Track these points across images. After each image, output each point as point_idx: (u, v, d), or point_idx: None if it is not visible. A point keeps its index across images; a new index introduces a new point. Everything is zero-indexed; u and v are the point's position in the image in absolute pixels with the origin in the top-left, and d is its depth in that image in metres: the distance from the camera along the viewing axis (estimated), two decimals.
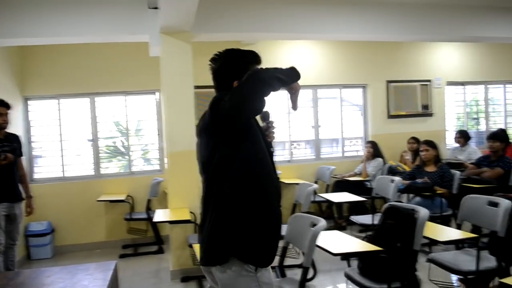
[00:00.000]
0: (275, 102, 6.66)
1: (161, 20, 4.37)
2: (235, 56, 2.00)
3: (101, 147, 6.37)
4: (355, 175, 6.57)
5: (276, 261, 2.04)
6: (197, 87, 4.93)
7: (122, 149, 6.62)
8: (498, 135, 5.58)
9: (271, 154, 1.98)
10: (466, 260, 3.29)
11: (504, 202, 3.23)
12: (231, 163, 1.84)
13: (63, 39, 4.91)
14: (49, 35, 4.62)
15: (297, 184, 5.49)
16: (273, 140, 2.05)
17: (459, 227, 3.57)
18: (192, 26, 4.60)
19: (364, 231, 5.21)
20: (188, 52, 4.72)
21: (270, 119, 2.07)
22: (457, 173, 5.15)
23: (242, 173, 1.85)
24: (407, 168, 6.22)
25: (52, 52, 5.92)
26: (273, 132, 2.07)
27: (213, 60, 2.05)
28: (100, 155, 6.34)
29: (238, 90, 1.78)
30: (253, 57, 2.02)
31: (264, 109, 1.86)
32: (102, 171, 6.34)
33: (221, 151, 1.85)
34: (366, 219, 4.78)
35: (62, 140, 6.16)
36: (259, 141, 1.91)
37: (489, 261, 3.23)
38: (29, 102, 6.07)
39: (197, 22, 4.62)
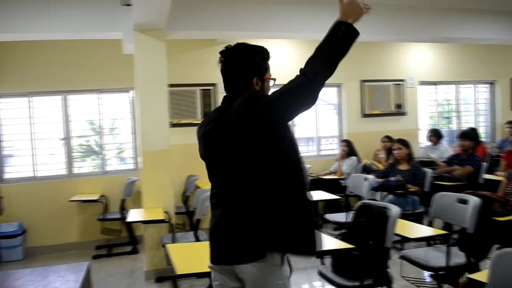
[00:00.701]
0: None
1: (134, 17, 4.32)
2: (253, 52, 1.92)
3: (74, 146, 6.26)
4: (330, 173, 6.63)
5: None
6: (171, 85, 4.89)
7: (96, 148, 6.51)
8: (468, 134, 5.72)
9: None
10: (437, 257, 3.36)
11: (472, 199, 3.31)
12: (267, 164, 1.79)
13: (35, 36, 4.81)
14: (20, 31, 4.52)
15: None
16: None
17: (430, 224, 3.64)
18: (166, 24, 4.56)
19: (338, 229, 5.26)
20: (162, 50, 4.68)
21: None
22: (429, 171, 5.25)
23: (282, 170, 1.81)
24: (381, 166, 6.31)
25: (23, 49, 5.77)
26: None
27: (224, 55, 1.94)
28: (73, 154, 6.22)
29: (289, 90, 1.71)
30: (267, 53, 1.96)
31: None
32: (75, 171, 6.23)
33: (254, 153, 1.79)
34: (340, 217, 4.83)
35: (34, 139, 6.02)
36: (292, 133, 1.89)
37: (459, 257, 3.31)
38: None
39: (171, 20, 4.59)
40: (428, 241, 4.06)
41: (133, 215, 4.56)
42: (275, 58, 1.96)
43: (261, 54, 1.94)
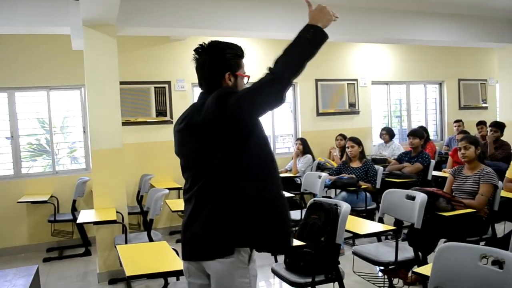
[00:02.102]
0: None
1: (83, 12, 4.17)
2: (224, 48, 1.95)
3: (22, 144, 6.02)
4: (286, 171, 6.70)
5: None
6: (122, 82, 4.79)
7: (46, 147, 6.29)
8: (417, 132, 5.93)
9: None
10: (387, 252, 3.46)
11: (419, 196, 3.43)
12: (237, 160, 1.81)
13: None
14: None
15: None
16: None
17: (380, 220, 3.73)
18: (116, 20, 4.46)
19: (293, 226, 5.31)
20: (113, 46, 4.57)
21: None
22: (380, 168, 5.40)
23: (251, 168, 1.82)
24: (335, 164, 6.43)
25: None
26: None
27: (198, 52, 1.98)
28: (21, 153, 5.98)
29: (257, 88, 1.73)
30: (240, 50, 1.99)
31: None
32: (23, 171, 5.99)
33: (224, 149, 1.81)
34: (295, 214, 4.87)
35: None
36: (262, 129, 1.91)
37: (408, 252, 3.41)
38: None
39: (122, 16, 4.50)
40: (378, 236, 4.19)
41: (84, 216, 4.44)
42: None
43: (233, 51, 1.97)
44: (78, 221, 4.34)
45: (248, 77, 2.02)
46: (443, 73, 8.69)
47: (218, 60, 1.94)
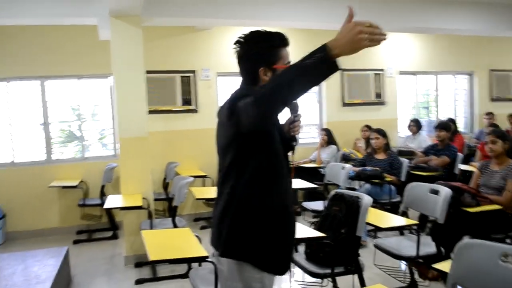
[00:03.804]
0: None
1: (110, 3, 4.26)
2: (260, 39, 1.81)
3: (54, 131, 6.20)
4: (310, 161, 6.69)
5: None
6: (148, 72, 4.86)
7: (77, 134, 6.47)
8: (445, 125, 5.81)
9: (291, 148, 1.91)
10: (409, 246, 3.42)
11: (444, 190, 3.37)
12: (245, 165, 1.78)
13: (11, 20, 4.76)
14: None
15: None
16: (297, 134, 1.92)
17: (403, 214, 3.70)
18: (141, 10, 4.53)
19: (316, 217, 5.33)
20: (139, 36, 4.65)
21: (298, 112, 1.89)
22: (405, 161, 5.34)
23: (255, 177, 1.79)
24: (360, 155, 6.38)
25: (0, 34, 5.69)
26: (299, 126, 1.91)
27: (238, 43, 1.84)
28: (52, 140, 6.18)
29: (262, 97, 1.55)
30: (280, 40, 1.81)
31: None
32: (54, 157, 6.19)
33: (235, 149, 1.79)
34: (317, 205, 4.89)
35: (11, 124, 5.96)
36: (274, 140, 1.83)
37: (430, 247, 3.37)
38: None
39: (147, 6, 4.57)
40: (400, 230, 4.16)
41: (112, 201, 4.57)
42: None
43: (269, 42, 1.80)
44: (106, 206, 4.48)
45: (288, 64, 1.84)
46: (473, 64, 8.44)
47: (251, 55, 1.81)
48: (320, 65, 1.47)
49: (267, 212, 1.80)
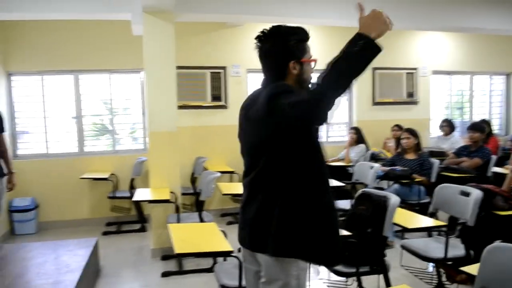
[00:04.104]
0: None
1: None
2: (287, 34, 1.83)
3: (86, 124, 6.36)
4: (339, 160, 6.64)
5: None
6: (179, 67, 4.92)
7: (108, 127, 6.61)
8: (478, 126, 5.67)
9: None
10: (436, 248, 3.37)
11: (475, 192, 3.30)
12: (287, 163, 1.79)
13: (46, 15, 4.89)
14: (31, 11, 4.59)
15: None
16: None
17: (432, 215, 3.64)
18: (174, 6, 4.58)
19: (343, 216, 5.29)
20: (171, 32, 4.71)
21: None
22: (436, 161, 5.23)
23: (300, 175, 1.80)
24: (389, 155, 6.29)
25: (36, 28, 5.86)
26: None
27: (260, 39, 1.87)
28: (84, 132, 6.33)
29: (302, 103, 1.60)
30: (304, 34, 1.86)
31: None
32: (86, 149, 6.34)
33: (276, 148, 1.78)
34: (345, 204, 4.85)
35: (46, 116, 6.14)
36: (318, 136, 1.86)
37: (459, 250, 3.31)
38: (12, 77, 6.01)
39: (180, 2, 4.62)
40: (428, 231, 4.09)
41: (141, 194, 4.65)
42: None
43: (297, 36, 1.84)
44: (135, 198, 4.57)
45: (315, 61, 1.90)
46: (510, 64, 8.19)
47: (281, 49, 1.83)
48: (366, 50, 1.60)
49: (318, 210, 1.81)
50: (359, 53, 1.59)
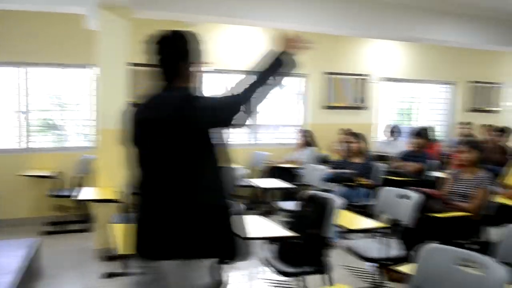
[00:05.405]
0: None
1: None
2: (182, 37, 1.95)
3: (33, 119, 6.12)
4: (288, 162, 6.73)
5: None
6: (135, 64, 4.83)
7: (57, 123, 6.39)
8: (421, 132, 5.93)
9: None
10: (377, 248, 3.49)
11: (414, 196, 3.46)
12: (195, 166, 1.84)
13: None
14: None
15: None
16: None
17: (375, 217, 3.76)
18: (131, 2, 4.51)
19: (290, 217, 5.36)
20: (127, 28, 4.63)
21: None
22: (380, 165, 5.41)
23: (208, 176, 1.86)
24: (337, 158, 6.43)
25: None
26: None
27: (154, 43, 1.97)
28: (31, 128, 6.09)
29: (221, 104, 1.77)
30: (199, 38, 1.98)
31: None
32: (32, 145, 6.10)
33: (183, 152, 1.83)
34: (292, 205, 4.92)
35: None
36: (216, 138, 1.90)
37: (398, 250, 3.44)
38: None
39: None
40: (370, 233, 4.22)
41: (86, 193, 4.53)
42: (240, 45, 1.99)
43: (190, 40, 1.95)
44: (80, 197, 4.44)
45: (210, 64, 2.02)
46: (455, 74, 8.61)
47: (177, 51, 1.93)
48: (284, 65, 1.83)
49: (215, 210, 1.86)
50: (278, 67, 1.82)
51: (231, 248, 1.90)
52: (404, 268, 2.41)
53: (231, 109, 1.73)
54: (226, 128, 1.86)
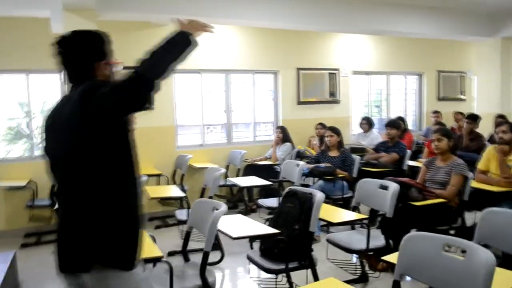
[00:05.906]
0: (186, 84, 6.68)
1: None
2: (91, 36, 1.92)
3: (0, 129, 5.94)
4: (266, 159, 6.76)
5: (179, 245, 1.96)
6: None
7: (26, 131, 6.22)
8: (395, 123, 6.04)
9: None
10: (359, 239, 3.54)
11: (392, 186, 3.52)
12: (101, 162, 1.73)
13: None
14: None
15: (206, 168, 5.54)
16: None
17: (354, 209, 3.82)
18: (96, 3, 4.44)
19: (271, 214, 5.40)
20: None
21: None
22: (357, 157, 5.49)
23: (112, 174, 1.76)
24: (314, 153, 6.50)
25: None
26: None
27: (61, 44, 1.89)
28: None
29: (121, 86, 1.62)
30: (107, 37, 1.96)
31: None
32: (1, 155, 5.93)
33: (90, 150, 1.72)
34: (272, 202, 4.96)
35: None
36: (129, 135, 1.83)
37: (379, 240, 3.51)
38: None
39: (102, 0, 4.47)
40: (352, 225, 4.29)
41: None
42: (212, 44, 1.95)
43: (101, 38, 1.93)
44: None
45: (120, 63, 2.00)
46: (423, 65, 8.82)
47: (87, 50, 1.87)
48: (184, 41, 1.76)
49: (128, 213, 1.79)
50: (178, 43, 1.75)
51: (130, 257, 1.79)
52: (387, 258, 2.45)
53: (131, 89, 1.61)
54: (132, 110, 1.70)
